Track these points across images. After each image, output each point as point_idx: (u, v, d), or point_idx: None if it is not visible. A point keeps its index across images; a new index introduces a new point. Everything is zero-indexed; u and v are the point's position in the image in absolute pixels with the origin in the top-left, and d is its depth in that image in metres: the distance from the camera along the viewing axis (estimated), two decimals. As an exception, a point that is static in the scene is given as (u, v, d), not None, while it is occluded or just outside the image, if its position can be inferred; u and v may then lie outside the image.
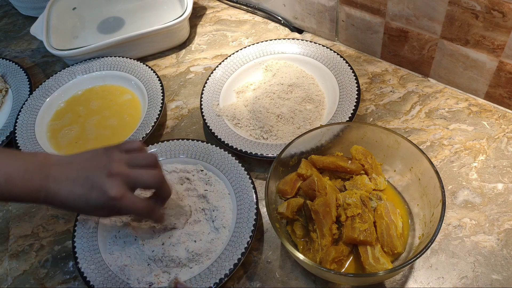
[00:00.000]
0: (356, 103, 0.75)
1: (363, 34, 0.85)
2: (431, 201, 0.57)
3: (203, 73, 0.91)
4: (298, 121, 0.77)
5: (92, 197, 0.54)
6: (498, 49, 0.69)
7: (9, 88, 0.92)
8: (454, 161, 0.70)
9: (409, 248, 0.58)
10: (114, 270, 0.62)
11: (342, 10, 0.85)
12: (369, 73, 0.85)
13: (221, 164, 0.71)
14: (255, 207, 0.65)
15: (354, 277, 0.56)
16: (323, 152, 0.67)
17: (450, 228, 0.63)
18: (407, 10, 0.75)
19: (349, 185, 0.63)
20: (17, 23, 1.12)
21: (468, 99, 0.78)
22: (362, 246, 0.57)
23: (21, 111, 0.84)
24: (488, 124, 0.74)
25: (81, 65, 0.91)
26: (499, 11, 0.65)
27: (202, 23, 1.02)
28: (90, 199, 0.54)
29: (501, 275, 0.59)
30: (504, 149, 0.70)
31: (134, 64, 0.89)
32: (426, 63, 0.80)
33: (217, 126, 0.77)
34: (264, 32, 0.97)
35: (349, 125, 0.66)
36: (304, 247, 0.60)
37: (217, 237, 0.64)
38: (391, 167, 0.65)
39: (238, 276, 0.63)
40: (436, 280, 0.59)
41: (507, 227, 0.62)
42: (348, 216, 0.58)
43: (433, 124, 0.75)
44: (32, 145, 0.79)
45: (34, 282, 0.66)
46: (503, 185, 0.66)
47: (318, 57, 0.84)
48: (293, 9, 0.93)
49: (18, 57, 1.02)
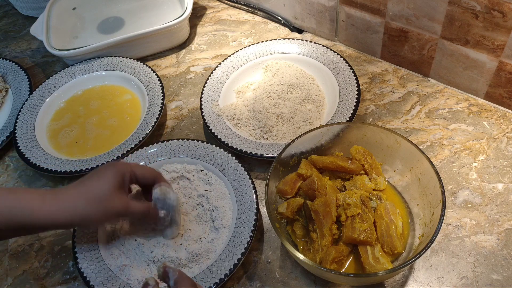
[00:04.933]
0: (356, 103, 0.75)
1: (363, 34, 0.85)
2: (431, 201, 0.57)
3: (203, 73, 0.91)
4: (298, 121, 0.77)
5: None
6: (498, 49, 0.69)
7: (9, 88, 0.92)
8: (454, 161, 0.70)
9: (409, 248, 0.58)
10: (114, 270, 0.62)
11: (342, 10, 0.85)
12: (369, 73, 0.85)
13: (221, 164, 0.71)
14: (255, 207, 0.65)
15: (354, 277, 0.56)
16: (323, 152, 0.67)
17: (450, 228, 0.63)
18: (407, 10, 0.75)
19: (349, 185, 0.63)
20: (17, 23, 1.12)
21: (468, 99, 0.78)
22: (362, 246, 0.57)
23: (21, 111, 0.84)
24: (488, 124, 0.74)
25: (81, 65, 0.91)
26: (499, 11, 0.65)
27: (202, 23, 1.02)
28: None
29: (501, 275, 0.59)
30: (504, 149, 0.70)
31: (134, 64, 0.89)
32: (426, 63, 0.80)
33: (217, 126, 0.77)
34: (264, 32, 0.97)
35: (349, 125, 0.66)
36: (304, 247, 0.60)
37: (217, 237, 0.64)
38: (391, 167, 0.65)
39: (238, 276, 0.63)
40: (436, 280, 0.59)
41: (507, 227, 0.62)
42: (348, 216, 0.59)
43: (433, 124, 0.75)
44: (32, 145, 0.79)
45: (34, 282, 0.66)
46: (503, 185, 0.66)
47: (318, 57, 0.84)
48: (293, 9, 0.93)
49: (18, 57, 1.02)
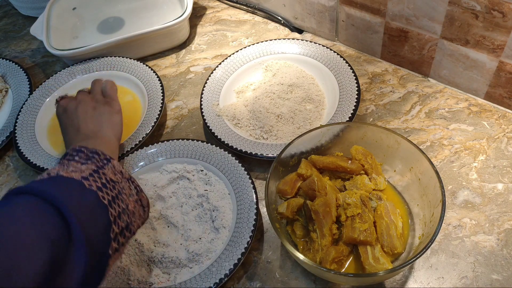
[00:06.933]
0: (356, 103, 0.75)
1: (363, 34, 0.85)
2: (431, 201, 0.57)
3: (203, 73, 0.91)
4: (298, 121, 0.77)
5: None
6: (498, 49, 0.69)
7: (9, 88, 0.92)
8: (454, 161, 0.70)
9: (409, 248, 0.58)
10: (114, 270, 0.62)
11: (342, 10, 0.85)
12: (369, 73, 0.85)
13: (221, 164, 0.71)
14: (255, 207, 0.65)
15: (354, 277, 0.56)
16: (323, 152, 0.67)
17: (450, 228, 0.63)
18: (407, 10, 0.75)
19: (349, 185, 0.63)
20: (17, 23, 1.12)
21: (468, 99, 0.78)
22: (362, 246, 0.57)
23: (21, 111, 0.84)
24: (488, 124, 0.74)
25: (81, 65, 0.91)
26: (499, 11, 0.65)
27: (202, 23, 1.02)
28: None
29: (501, 275, 0.59)
30: (504, 149, 0.70)
31: (134, 64, 0.89)
32: (426, 63, 0.80)
33: (217, 126, 0.77)
34: (264, 32, 0.97)
35: (349, 125, 0.66)
36: (304, 247, 0.60)
37: (217, 237, 0.64)
38: (391, 167, 0.65)
39: (238, 276, 0.63)
40: (436, 280, 0.59)
41: (507, 227, 0.62)
42: (348, 216, 0.59)
43: (433, 124, 0.75)
44: (32, 145, 0.79)
45: (34, 282, 0.66)
46: (503, 185, 0.66)
47: (318, 57, 0.84)
48: (293, 9, 0.93)
49: (18, 57, 1.02)
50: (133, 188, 0.57)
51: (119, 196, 0.53)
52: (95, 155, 0.56)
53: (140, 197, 0.57)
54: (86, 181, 0.50)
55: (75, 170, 0.52)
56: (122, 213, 0.52)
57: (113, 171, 0.55)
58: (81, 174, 0.51)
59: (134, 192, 0.56)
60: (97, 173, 0.53)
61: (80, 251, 0.44)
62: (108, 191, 0.51)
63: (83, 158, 0.56)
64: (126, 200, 0.54)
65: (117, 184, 0.54)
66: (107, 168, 0.55)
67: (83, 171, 0.52)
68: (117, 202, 0.52)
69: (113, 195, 0.52)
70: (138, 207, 0.56)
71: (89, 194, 0.49)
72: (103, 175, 0.53)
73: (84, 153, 0.57)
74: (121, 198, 0.53)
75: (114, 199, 0.52)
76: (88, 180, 0.51)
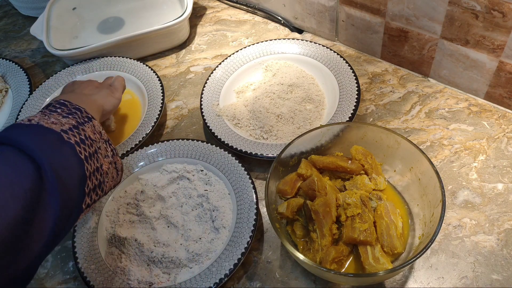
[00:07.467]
0: (356, 103, 0.75)
1: (363, 34, 0.85)
2: (431, 201, 0.57)
3: (203, 73, 0.91)
4: (298, 121, 0.77)
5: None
6: (498, 49, 0.69)
7: (9, 88, 0.92)
8: (454, 161, 0.70)
9: (409, 248, 0.58)
10: (114, 270, 0.62)
11: (342, 10, 0.85)
12: (369, 73, 0.85)
13: (221, 164, 0.71)
14: (255, 207, 0.65)
15: (354, 277, 0.56)
16: (323, 152, 0.67)
17: (450, 228, 0.63)
18: (407, 10, 0.75)
19: (349, 185, 0.63)
20: (17, 23, 1.12)
21: (468, 99, 0.78)
22: (362, 246, 0.57)
23: (21, 111, 0.84)
24: (488, 124, 0.74)
25: (81, 65, 0.91)
26: (499, 11, 0.65)
27: (202, 23, 1.02)
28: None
29: (501, 275, 0.59)
30: (504, 149, 0.70)
31: (134, 64, 0.89)
32: (426, 63, 0.80)
33: (217, 126, 0.77)
34: (264, 32, 0.97)
35: (349, 125, 0.66)
36: (304, 247, 0.60)
37: (217, 237, 0.64)
38: (391, 167, 0.65)
39: (238, 276, 0.63)
40: (436, 280, 0.59)
41: (507, 227, 0.62)
42: (348, 216, 0.59)
43: (433, 124, 0.75)
44: (32, 145, 0.79)
45: (33, 282, 0.66)
46: (503, 185, 0.66)
47: (318, 57, 0.84)
48: (293, 9, 0.93)
49: (18, 57, 1.02)
50: (109, 150, 0.58)
51: (95, 155, 0.54)
52: (78, 112, 0.57)
53: (115, 160, 0.58)
54: (65, 134, 0.51)
55: (56, 122, 0.52)
56: (96, 171, 0.53)
57: (93, 130, 0.56)
58: (61, 127, 0.52)
59: (110, 154, 0.57)
60: (76, 128, 0.53)
61: (53, 196, 0.45)
62: (86, 147, 0.52)
63: (65, 112, 0.56)
64: (101, 160, 0.55)
65: (94, 142, 0.55)
66: (88, 126, 0.56)
67: (63, 124, 0.53)
68: (93, 160, 0.53)
69: (90, 152, 0.53)
70: (112, 169, 0.57)
71: (67, 146, 0.50)
72: (82, 131, 0.54)
73: (67, 107, 0.57)
74: (97, 157, 0.54)
75: (90, 156, 0.52)
76: (67, 134, 0.51)
